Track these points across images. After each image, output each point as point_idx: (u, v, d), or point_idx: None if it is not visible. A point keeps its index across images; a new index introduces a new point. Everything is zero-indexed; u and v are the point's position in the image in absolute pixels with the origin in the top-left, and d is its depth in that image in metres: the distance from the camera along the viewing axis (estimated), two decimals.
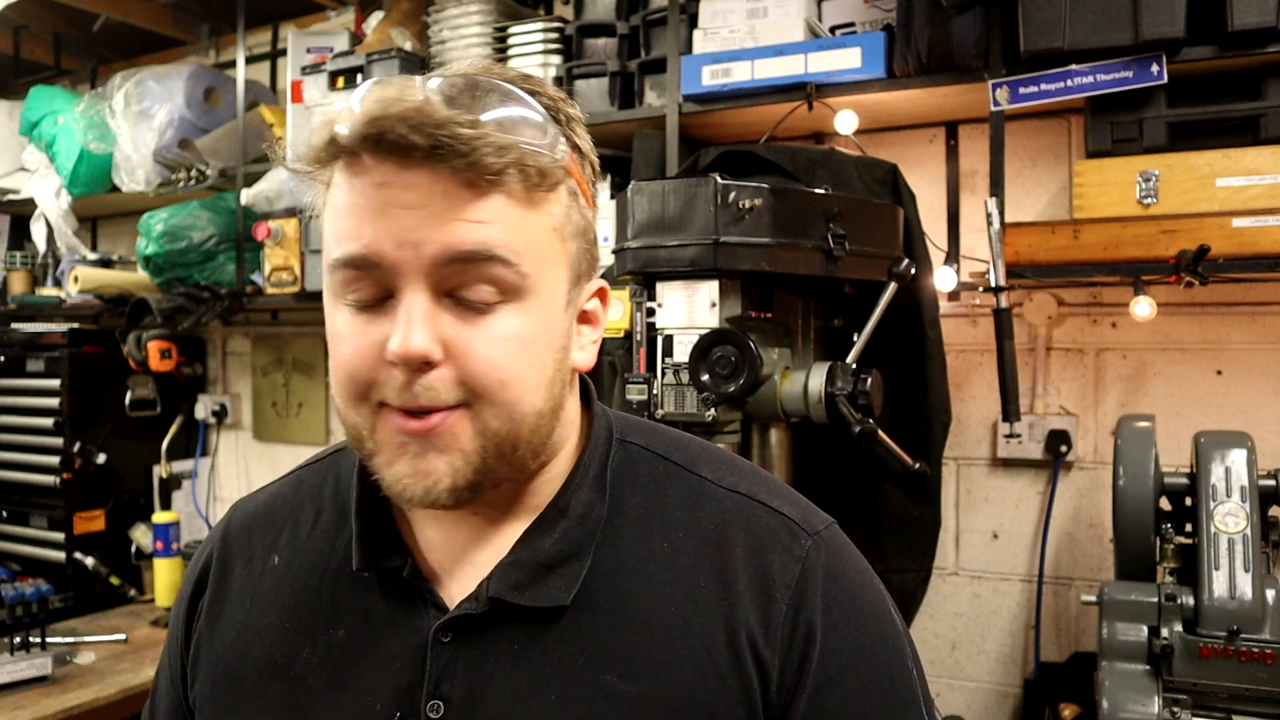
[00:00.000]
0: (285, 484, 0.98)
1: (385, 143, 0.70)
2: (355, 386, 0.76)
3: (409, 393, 0.74)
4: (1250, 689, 1.58)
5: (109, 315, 3.50)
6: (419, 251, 0.72)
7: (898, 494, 1.98)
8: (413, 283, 0.73)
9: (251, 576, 0.91)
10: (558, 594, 0.80)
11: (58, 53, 3.80)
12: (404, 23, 2.84)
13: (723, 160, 2.02)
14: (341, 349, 0.77)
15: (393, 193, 0.72)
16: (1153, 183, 1.97)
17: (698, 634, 0.79)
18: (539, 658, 0.79)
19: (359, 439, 0.79)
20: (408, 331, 0.72)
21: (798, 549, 0.84)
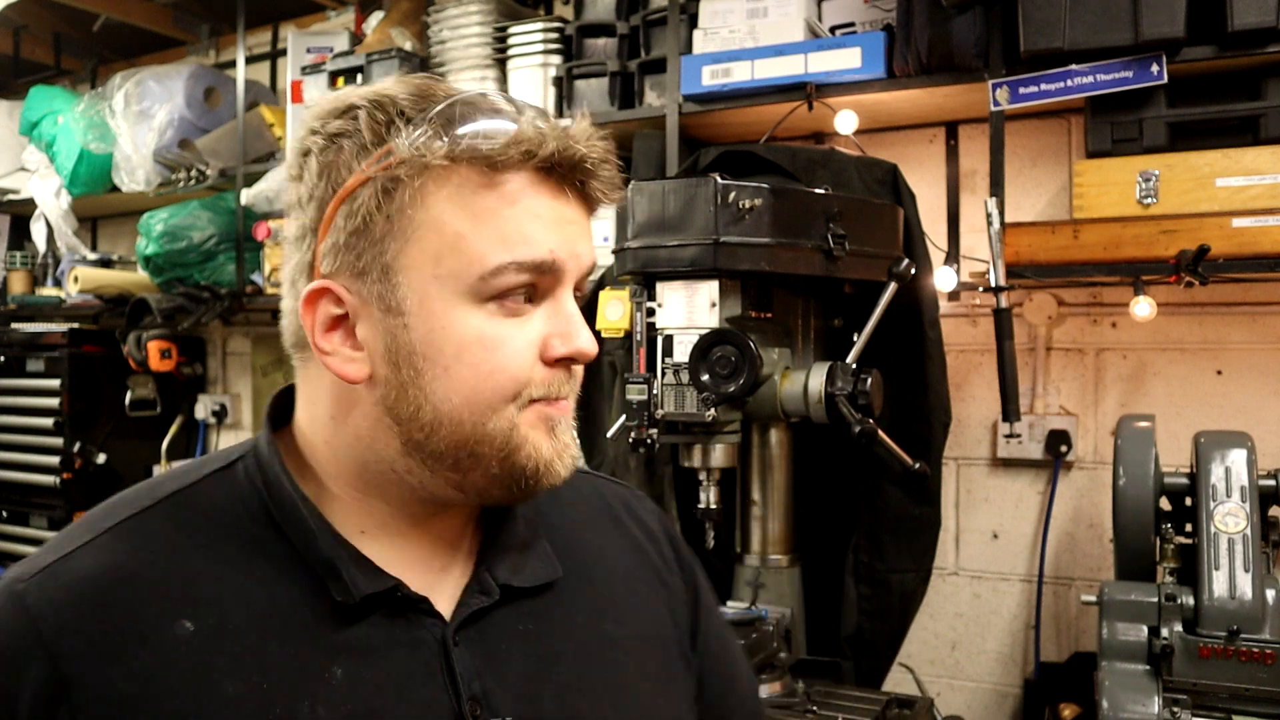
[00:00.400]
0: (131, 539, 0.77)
1: (581, 170, 0.78)
2: (515, 388, 0.78)
3: (566, 385, 0.82)
4: (1250, 689, 1.58)
5: (109, 315, 3.50)
6: (580, 263, 0.80)
7: (898, 494, 1.98)
8: (568, 289, 0.81)
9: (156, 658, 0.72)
10: (546, 571, 0.87)
11: (58, 53, 3.80)
12: (404, 23, 2.84)
13: (723, 160, 2.02)
14: (500, 353, 0.77)
15: (564, 210, 0.79)
16: (1153, 183, 1.97)
17: (639, 577, 0.95)
18: (546, 629, 0.85)
19: (488, 443, 0.78)
20: (583, 333, 0.80)
21: (648, 506, 1.04)
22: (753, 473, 1.94)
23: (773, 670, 1.79)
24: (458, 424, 0.77)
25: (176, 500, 0.80)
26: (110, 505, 0.82)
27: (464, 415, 0.77)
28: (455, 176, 0.75)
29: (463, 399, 0.76)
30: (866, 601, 2.00)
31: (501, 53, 2.65)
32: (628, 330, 2.05)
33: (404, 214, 0.75)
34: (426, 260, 0.75)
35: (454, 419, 0.77)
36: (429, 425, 0.77)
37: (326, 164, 0.77)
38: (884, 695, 1.81)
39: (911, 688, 2.19)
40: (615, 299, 2.17)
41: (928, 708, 1.82)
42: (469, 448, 0.78)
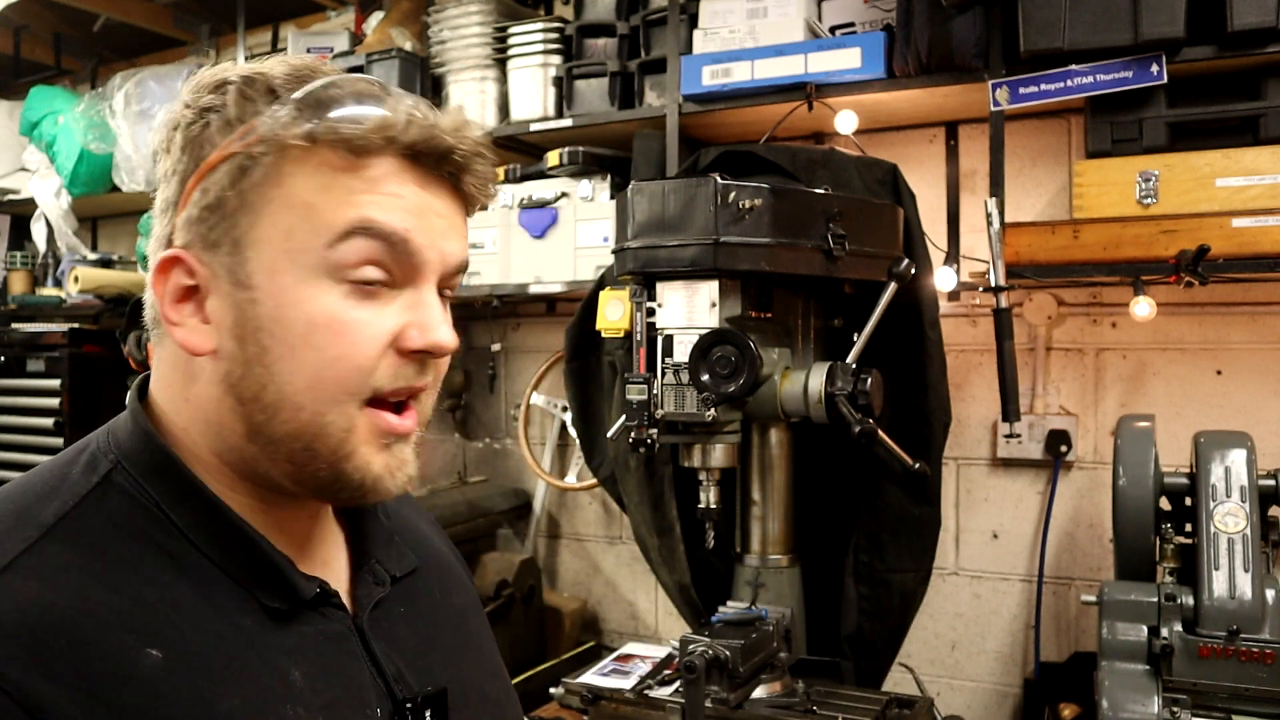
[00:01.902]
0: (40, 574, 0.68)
1: (446, 158, 0.77)
2: (357, 377, 0.75)
3: (418, 378, 0.79)
4: (1250, 689, 1.58)
5: (109, 315, 3.50)
6: (444, 256, 0.79)
7: (898, 494, 1.98)
8: (431, 281, 0.79)
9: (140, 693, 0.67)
10: (410, 558, 0.94)
11: (58, 53, 3.80)
12: (404, 23, 2.84)
13: (723, 160, 2.02)
14: (346, 339, 0.74)
15: (428, 198, 0.77)
16: (1153, 183, 1.97)
17: (447, 555, 1.03)
18: (420, 608, 0.91)
19: (322, 439, 0.75)
20: (441, 326, 0.79)
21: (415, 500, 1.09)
22: (753, 473, 1.94)
23: (773, 670, 1.79)
24: (298, 409, 0.74)
25: (67, 527, 0.71)
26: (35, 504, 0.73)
27: (305, 400, 0.74)
28: (315, 158, 0.73)
29: (305, 382, 0.74)
30: (866, 601, 2.00)
31: (501, 53, 2.65)
32: (628, 330, 2.06)
33: (258, 190, 0.74)
34: (278, 234, 0.73)
35: (295, 404, 0.74)
36: (270, 407, 0.74)
37: (191, 138, 0.76)
38: (884, 695, 1.81)
39: (911, 688, 2.19)
40: (615, 299, 2.17)
41: (928, 708, 1.82)
42: (305, 440, 0.75)
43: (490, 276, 2.63)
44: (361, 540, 0.90)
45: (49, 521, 0.71)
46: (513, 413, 2.99)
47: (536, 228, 2.57)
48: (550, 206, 2.55)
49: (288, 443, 0.75)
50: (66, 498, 0.73)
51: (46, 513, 0.72)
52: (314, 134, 0.73)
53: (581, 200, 2.53)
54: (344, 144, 0.73)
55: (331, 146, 0.73)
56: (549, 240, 2.56)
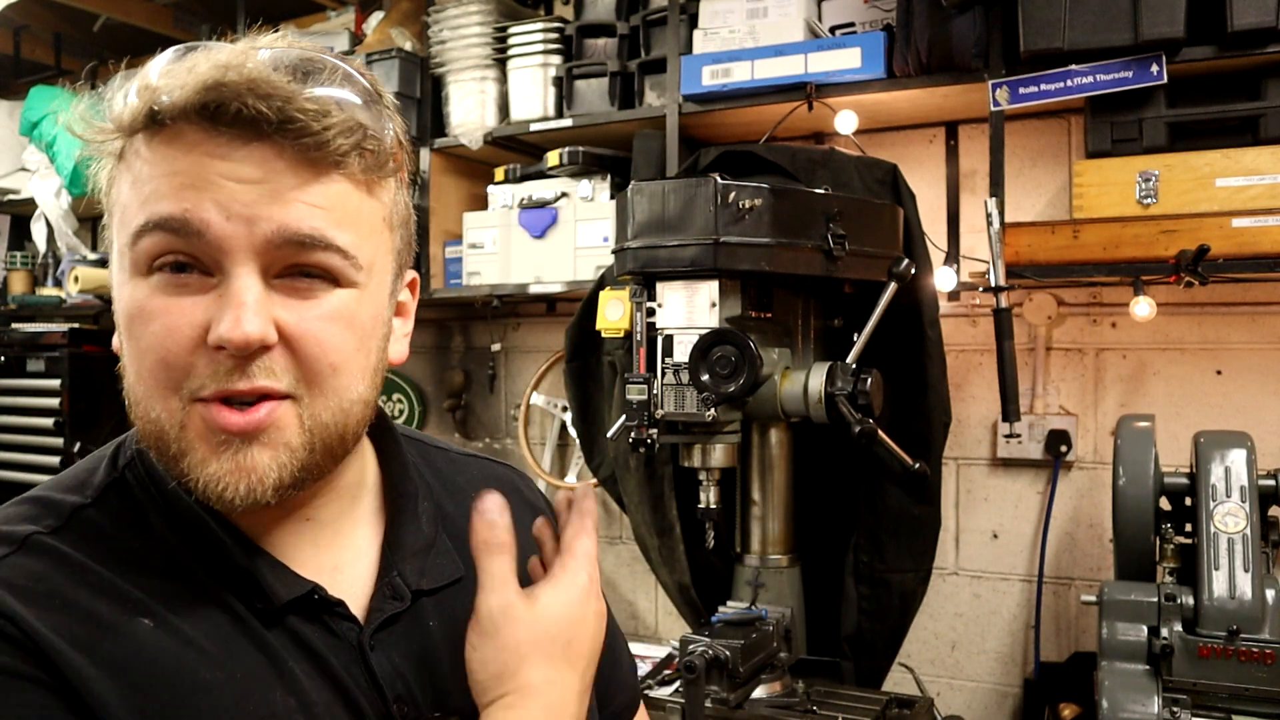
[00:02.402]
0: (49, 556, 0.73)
1: (225, 112, 0.67)
2: (169, 374, 0.70)
3: (238, 376, 0.69)
4: (1250, 689, 1.58)
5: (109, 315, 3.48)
6: (252, 229, 0.69)
7: (898, 494, 1.98)
8: (242, 262, 0.69)
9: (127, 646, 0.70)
10: (451, 569, 0.87)
11: (58, 53, 3.80)
12: (404, 23, 2.85)
13: (723, 160, 2.02)
14: (151, 330, 0.70)
15: (226, 165, 0.68)
16: (1153, 183, 1.97)
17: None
18: (454, 624, 0.83)
19: (162, 438, 0.71)
20: (241, 314, 0.68)
21: (534, 485, 1.05)
22: (753, 473, 1.94)
23: (773, 670, 1.79)
24: (136, 403, 0.72)
25: (83, 519, 0.76)
26: (4, 519, 0.76)
27: (140, 394, 0.72)
28: (129, 149, 0.72)
29: (135, 376, 0.72)
30: (866, 601, 2.00)
31: (501, 53, 2.65)
32: (628, 330, 2.06)
33: (110, 192, 0.74)
34: (115, 234, 0.73)
35: (134, 398, 0.73)
36: (129, 403, 0.74)
37: None
38: (884, 695, 1.81)
39: (911, 688, 2.19)
40: (615, 299, 2.17)
41: (928, 708, 1.82)
42: (152, 438, 0.73)
43: (490, 276, 2.63)
44: (390, 550, 0.85)
45: (66, 513, 0.76)
46: (513, 413, 2.99)
47: (536, 228, 2.57)
48: (550, 206, 2.56)
49: (146, 441, 0.74)
50: (88, 491, 0.78)
51: (67, 504, 0.76)
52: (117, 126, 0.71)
53: (581, 200, 2.53)
54: (128, 130, 0.70)
55: (133, 137, 0.71)
56: (549, 240, 2.56)
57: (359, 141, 0.71)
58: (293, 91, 0.68)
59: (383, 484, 0.89)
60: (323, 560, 0.82)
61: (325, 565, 0.81)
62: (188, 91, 0.67)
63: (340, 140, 0.70)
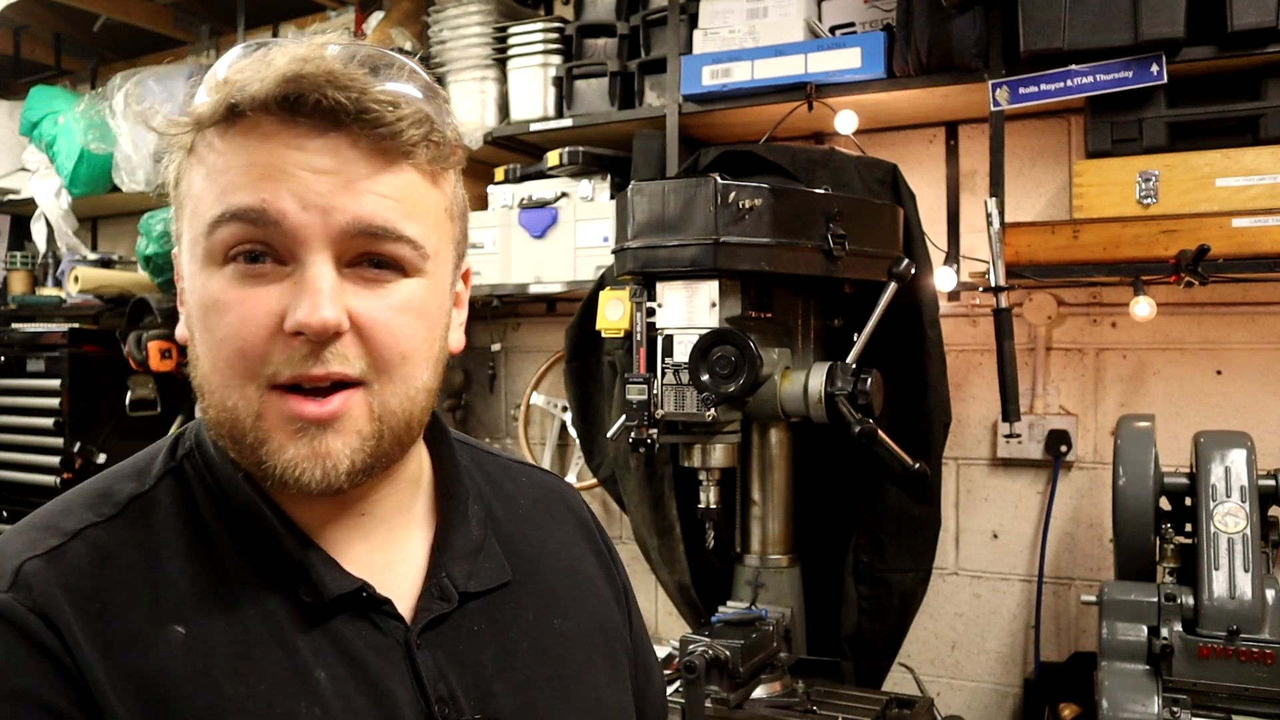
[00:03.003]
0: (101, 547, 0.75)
1: (304, 103, 0.69)
2: (245, 363, 0.71)
3: (313, 362, 0.71)
4: (1250, 689, 1.58)
5: (109, 315, 3.50)
6: (327, 219, 0.71)
7: (898, 494, 1.98)
8: (317, 251, 0.71)
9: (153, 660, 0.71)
10: (498, 572, 0.87)
11: (58, 53, 3.80)
12: (404, 23, 2.84)
13: (723, 160, 2.02)
14: (226, 319, 0.71)
15: (302, 155, 0.70)
16: (1153, 183, 1.97)
17: (580, 570, 0.96)
18: (501, 628, 0.85)
19: (237, 426, 0.73)
20: (317, 301, 0.70)
21: (579, 497, 1.05)
22: (753, 473, 1.94)
23: (773, 670, 1.79)
24: (211, 393, 0.74)
25: (137, 505, 0.77)
26: (63, 510, 0.78)
27: (214, 384, 0.73)
28: (202, 143, 0.74)
29: (209, 366, 0.73)
30: (866, 601, 2.00)
31: (501, 53, 2.65)
32: (628, 330, 2.06)
33: (180, 183, 0.76)
34: (187, 225, 0.75)
35: (209, 388, 0.74)
36: (200, 391, 0.75)
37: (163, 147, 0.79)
38: (884, 695, 1.81)
39: (911, 688, 2.19)
40: (615, 299, 2.17)
41: (928, 708, 1.82)
42: (226, 426, 0.74)
43: (490, 276, 2.63)
44: (439, 551, 0.85)
45: (123, 501, 0.77)
46: (513, 413, 2.99)
47: (536, 228, 2.57)
48: (550, 206, 2.56)
49: (218, 428, 0.75)
50: (144, 480, 0.79)
51: (125, 492, 0.78)
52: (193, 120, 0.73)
53: (581, 200, 2.53)
54: (207, 122, 0.72)
55: (207, 129, 0.73)
56: (549, 240, 2.56)
57: (427, 133, 0.73)
58: (368, 83, 0.70)
59: (435, 485, 0.89)
60: (374, 557, 0.82)
61: (376, 563, 0.82)
62: (268, 83, 0.69)
63: (411, 131, 0.72)
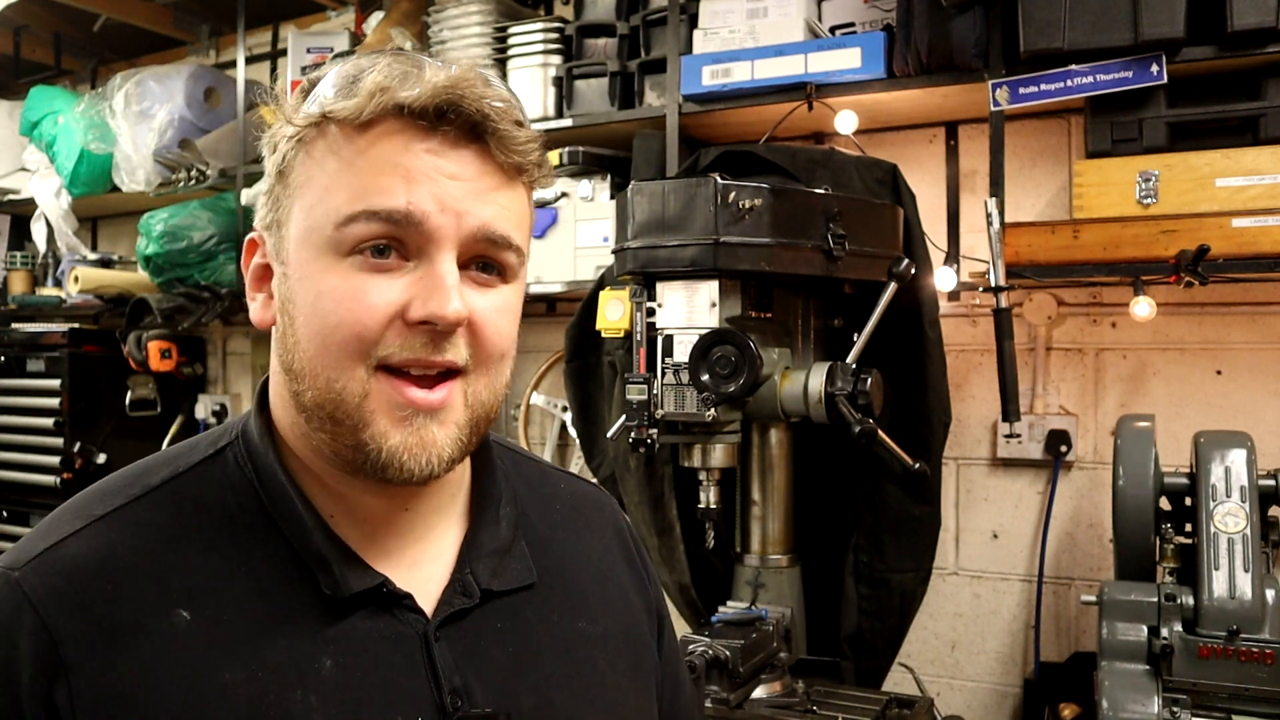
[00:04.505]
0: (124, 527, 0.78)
1: (456, 115, 0.75)
2: (360, 345, 0.75)
3: (431, 349, 0.76)
4: (1250, 689, 1.58)
5: (109, 315, 3.51)
6: (460, 221, 0.76)
7: (898, 494, 1.98)
8: (446, 250, 0.76)
9: (153, 647, 0.74)
10: (524, 573, 0.89)
11: (58, 53, 3.81)
12: (404, 23, 2.85)
13: (723, 160, 2.02)
14: (346, 306, 0.75)
15: (442, 163, 0.76)
16: (1153, 183, 1.97)
17: (611, 577, 0.97)
18: (523, 627, 0.87)
19: (340, 408, 0.76)
20: (449, 295, 0.75)
21: (616, 507, 1.06)
22: (753, 473, 1.94)
23: (773, 670, 1.79)
24: (315, 376, 0.77)
25: (169, 489, 0.81)
26: (101, 491, 0.82)
27: (319, 367, 0.76)
28: (328, 139, 0.77)
29: (316, 349, 0.76)
30: (866, 601, 2.00)
31: (501, 53, 2.65)
32: (628, 330, 2.06)
33: (291, 176, 0.79)
34: (302, 213, 0.78)
35: (312, 371, 0.77)
36: (299, 375, 0.78)
37: (270, 134, 0.82)
38: (884, 695, 1.81)
39: (911, 688, 2.19)
40: (615, 299, 2.17)
41: (928, 708, 1.82)
42: (328, 408, 0.77)
43: None
44: (467, 548, 0.87)
45: (155, 484, 0.81)
46: (513, 413, 2.99)
47: (536, 228, 2.57)
48: (550, 206, 2.56)
49: (317, 411, 0.78)
50: (180, 465, 0.83)
51: (158, 476, 0.82)
52: (325, 115, 0.77)
53: (581, 200, 2.53)
54: (348, 120, 0.76)
55: (340, 125, 0.76)
56: (549, 240, 2.56)
57: (538, 158, 0.81)
58: (510, 107, 0.78)
59: (472, 486, 0.92)
60: (406, 553, 0.84)
61: (405, 559, 0.84)
62: (425, 93, 0.74)
63: (534, 153, 0.80)
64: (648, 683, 0.97)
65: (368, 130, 0.76)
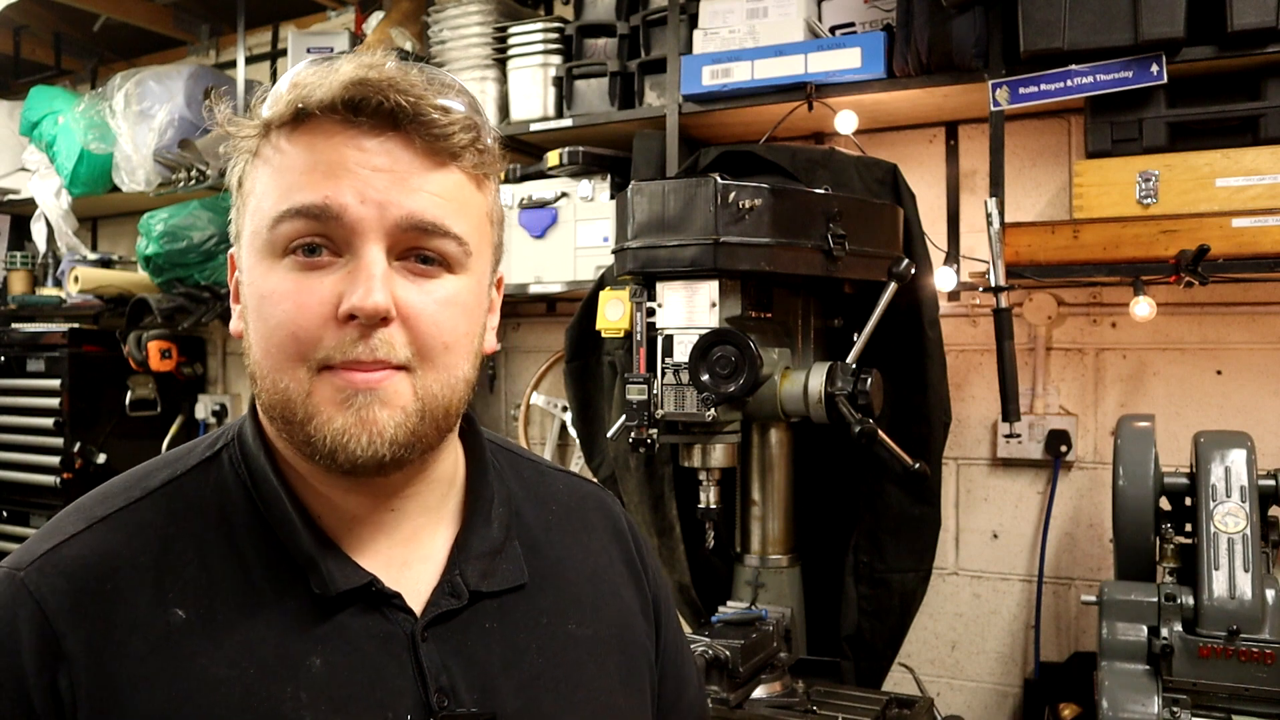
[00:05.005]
0: (124, 528, 0.80)
1: (367, 104, 0.75)
2: (298, 346, 0.76)
3: (362, 346, 0.76)
4: (1250, 689, 1.58)
5: (109, 315, 3.51)
6: (383, 212, 0.76)
7: (898, 494, 1.98)
8: (372, 242, 0.76)
9: (148, 643, 0.76)
10: (515, 575, 0.89)
11: (58, 53, 3.80)
12: (404, 23, 2.85)
13: (723, 160, 2.02)
14: (282, 307, 0.76)
15: (361, 155, 0.76)
16: (1153, 183, 1.97)
17: (605, 579, 0.97)
18: (512, 628, 0.87)
19: (289, 406, 0.77)
20: (370, 287, 0.75)
21: (618, 508, 1.06)
22: (753, 473, 1.94)
23: (773, 670, 1.79)
24: (264, 378, 0.79)
25: (167, 491, 0.83)
26: (103, 494, 0.84)
27: (266, 369, 0.78)
28: (267, 146, 0.79)
29: (262, 352, 0.78)
30: (866, 601, 2.00)
31: (501, 53, 2.65)
32: (628, 330, 2.06)
33: (245, 182, 0.81)
34: (248, 220, 0.80)
35: (261, 373, 0.79)
36: (255, 378, 0.80)
37: (230, 150, 0.84)
38: (884, 695, 1.81)
39: (911, 688, 2.19)
40: (615, 299, 2.17)
41: (928, 708, 1.82)
42: (279, 408, 0.78)
43: None
44: (458, 549, 0.88)
45: (154, 486, 0.83)
46: (513, 413, 2.99)
47: (536, 228, 2.57)
48: (550, 206, 2.56)
49: (270, 411, 0.80)
50: (179, 468, 0.85)
51: (158, 479, 0.84)
52: (263, 124, 0.79)
53: (581, 200, 2.53)
54: (275, 123, 0.78)
55: (276, 131, 0.78)
56: (549, 240, 2.56)
57: (474, 139, 0.80)
58: (424, 91, 0.77)
59: (465, 487, 0.92)
60: (395, 553, 0.85)
61: (395, 559, 0.85)
62: (334, 87, 0.75)
63: (461, 135, 0.79)
64: (641, 685, 0.96)
65: (295, 132, 0.77)
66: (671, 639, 1.04)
